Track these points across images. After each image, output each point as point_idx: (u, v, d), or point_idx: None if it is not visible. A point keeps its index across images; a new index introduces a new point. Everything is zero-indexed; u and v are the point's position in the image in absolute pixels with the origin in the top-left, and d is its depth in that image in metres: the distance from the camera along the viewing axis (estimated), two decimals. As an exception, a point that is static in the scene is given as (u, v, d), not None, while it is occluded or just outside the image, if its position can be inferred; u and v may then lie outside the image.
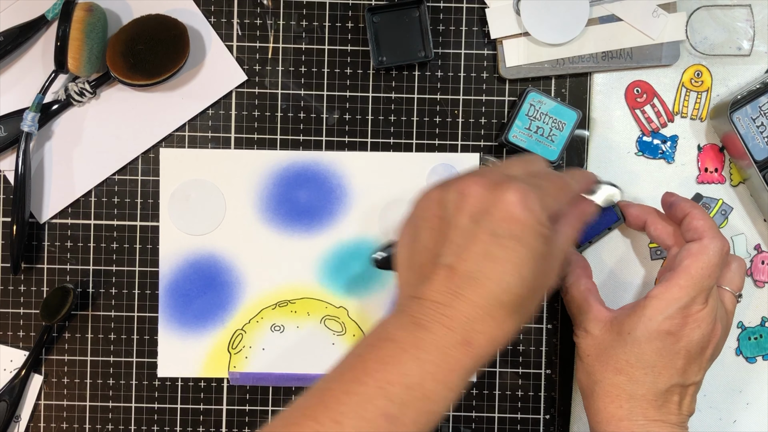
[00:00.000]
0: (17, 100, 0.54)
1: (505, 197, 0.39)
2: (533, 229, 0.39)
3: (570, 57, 0.54)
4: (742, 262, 0.51)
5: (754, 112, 0.53)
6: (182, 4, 0.54)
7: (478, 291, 0.39)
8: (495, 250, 0.39)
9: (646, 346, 0.46)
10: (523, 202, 0.39)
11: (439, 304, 0.39)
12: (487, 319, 0.39)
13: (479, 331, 0.39)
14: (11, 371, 0.55)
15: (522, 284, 0.39)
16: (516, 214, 0.39)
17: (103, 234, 0.55)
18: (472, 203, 0.40)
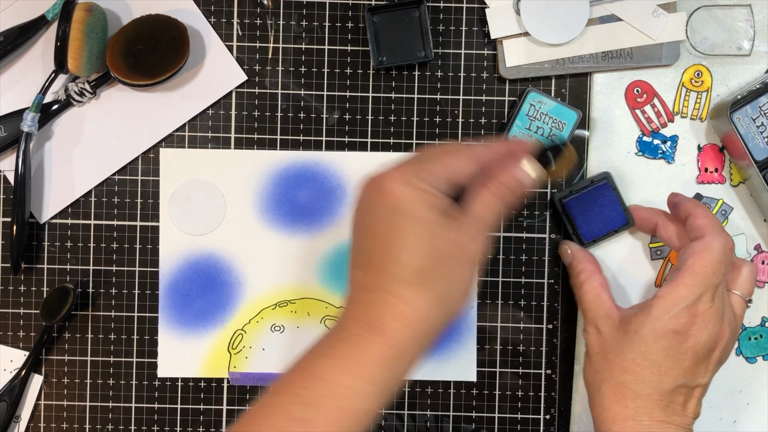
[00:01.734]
0: (17, 100, 0.54)
1: (385, 182, 0.40)
2: (416, 199, 0.40)
3: (570, 57, 0.54)
4: (753, 267, 0.50)
5: (754, 112, 0.53)
6: (182, 4, 0.54)
7: (382, 276, 0.40)
8: (387, 232, 0.40)
9: (653, 344, 0.46)
10: (400, 179, 0.40)
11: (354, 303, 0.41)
12: (392, 301, 0.39)
13: (391, 316, 0.39)
14: (11, 371, 0.55)
15: (418, 256, 0.39)
16: (396, 191, 0.40)
17: (103, 234, 0.55)
18: (364, 202, 0.42)
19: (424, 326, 0.40)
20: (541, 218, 0.56)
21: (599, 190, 0.54)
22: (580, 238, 0.54)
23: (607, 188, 0.54)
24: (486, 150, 0.44)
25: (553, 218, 0.56)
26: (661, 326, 0.46)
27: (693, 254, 0.47)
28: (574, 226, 0.54)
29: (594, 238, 0.54)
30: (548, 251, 0.56)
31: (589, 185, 0.54)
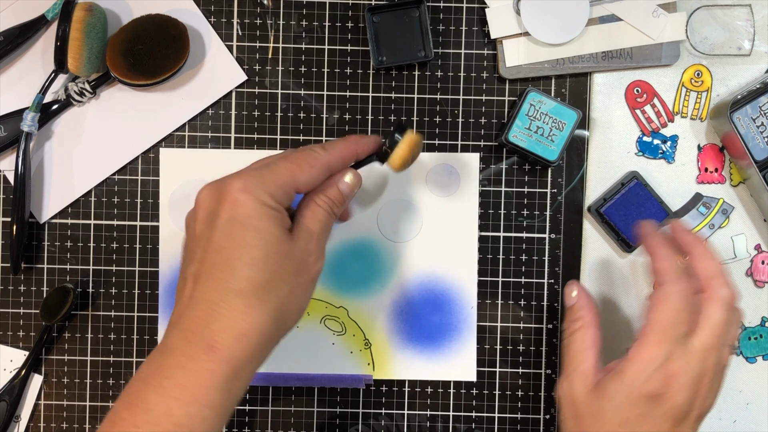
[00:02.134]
0: (17, 100, 0.54)
1: (228, 189, 0.39)
2: (258, 211, 0.39)
3: (570, 57, 0.54)
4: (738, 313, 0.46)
5: (754, 112, 0.53)
6: (182, 4, 0.54)
7: (212, 287, 0.38)
8: (223, 241, 0.38)
9: (629, 412, 0.43)
10: (244, 188, 0.39)
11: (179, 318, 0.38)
12: (225, 314, 0.37)
13: (221, 329, 0.37)
14: (11, 371, 0.55)
15: (254, 268, 0.38)
16: (237, 200, 0.39)
17: (103, 234, 0.55)
18: (202, 208, 0.40)
19: (259, 341, 0.38)
20: (541, 218, 0.56)
21: (633, 191, 0.54)
22: (626, 242, 0.54)
23: (639, 187, 0.54)
24: (330, 156, 0.43)
25: (553, 218, 0.56)
26: (635, 392, 0.43)
27: (653, 306, 0.44)
28: (618, 233, 0.54)
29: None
30: (548, 251, 0.56)
31: (620, 189, 0.54)
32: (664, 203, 0.54)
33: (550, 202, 0.56)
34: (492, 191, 0.55)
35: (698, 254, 0.46)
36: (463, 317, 0.55)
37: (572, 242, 0.56)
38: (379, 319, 0.55)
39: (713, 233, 0.56)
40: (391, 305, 0.55)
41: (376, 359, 0.55)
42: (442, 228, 0.55)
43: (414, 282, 0.55)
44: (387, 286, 0.55)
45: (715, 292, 0.44)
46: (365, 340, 0.55)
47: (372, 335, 0.55)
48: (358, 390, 0.56)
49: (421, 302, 0.55)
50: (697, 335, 0.44)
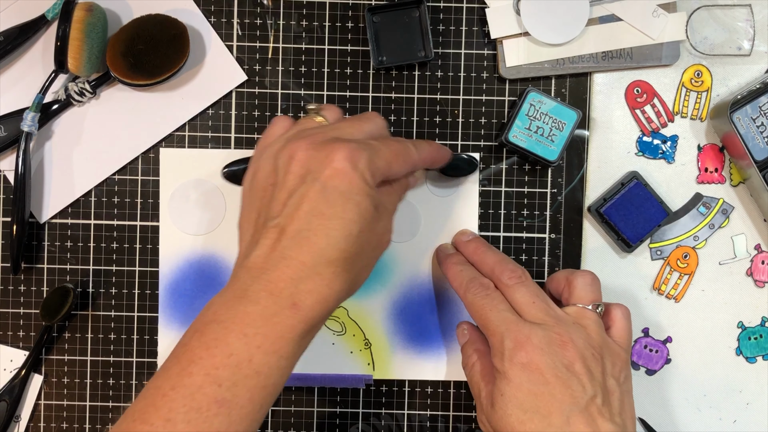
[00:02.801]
0: (17, 100, 0.54)
1: (333, 155, 0.40)
2: (360, 187, 0.40)
3: (570, 57, 0.54)
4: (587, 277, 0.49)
5: (754, 112, 0.53)
6: (182, 4, 0.54)
7: (305, 249, 0.39)
8: (323, 207, 0.39)
9: (518, 393, 0.44)
10: (350, 160, 0.40)
11: (265, 269, 0.39)
12: (314, 278, 0.39)
13: (306, 290, 0.39)
14: (11, 371, 0.55)
15: (349, 241, 0.39)
16: (343, 169, 0.40)
17: (103, 234, 0.55)
18: (300, 163, 0.41)
19: (333, 307, 0.40)
20: (541, 218, 0.56)
21: (633, 191, 0.54)
22: (626, 242, 0.54)
23: (639, 187, 0.54)
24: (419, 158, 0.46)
25: (553, 218, 0.56)
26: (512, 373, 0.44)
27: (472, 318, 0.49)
28: (618, 233, 0.54)
29: (640, 239, 0.54)
30: (548, 251, 0.56)
31: (620, 189, 0.54)
32: (664, 203, 0.54)
33: (550, 202, 0.56)
34: (492, 191, 0.55)
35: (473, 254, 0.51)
36: (464, 317, 0.55)
37: (572, 242, 0.56)
38: (379, 319, 0.55)
39: (713, 233, 0.56)
40: (391, 305, 0.55)
41: (376, 359, 0.55)
42: (442, 228, 0.55)
43: (414, 282, 0.55)
44: (387, 286, 0.55)
45: (502, 281, 0.48)
46: (365, 340, 0.55)
47: (372, 335, 0.55)
48: (358, 390, 0.56)
49: (421, 302, 0.55)
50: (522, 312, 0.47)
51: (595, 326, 0.47)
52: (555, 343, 0.45)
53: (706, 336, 0.56)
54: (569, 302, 0.49)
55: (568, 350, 0.45)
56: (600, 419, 0.44)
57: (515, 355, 0.44)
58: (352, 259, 0.40)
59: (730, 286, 0.56)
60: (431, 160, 0.48)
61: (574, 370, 0.44)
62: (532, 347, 0.44)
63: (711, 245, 0.56)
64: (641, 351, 0.56)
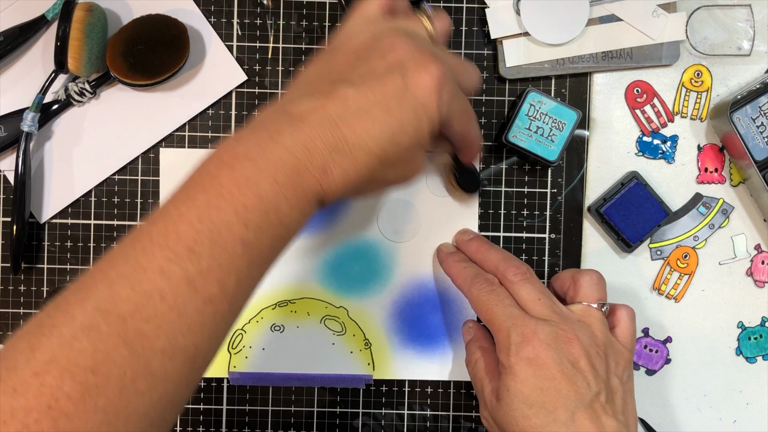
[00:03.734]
0: (17, 100, 0.54)
1: (429, 67, 0.39)
2: (432, 110, 0.39)
3: (570, 57, 0.54)
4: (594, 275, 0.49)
5: (754, 112, 0.53)
6: (182, 4, 0.54)
7: (355, 126, 0.38)
8: (393, 102, 0.39)
9: (524, 388, 0.44)
10: (439, 80, 0.39)
11: (309, 123, 0.38)
12: (348, 156, 0.38)
13: (338, 163, 0.38)
14: (11, 371, 0.55)
15: (394, 145, 0.39)
16: (429, 85, 0.39)
17: (103, 234, 0.55)
18: (397, 56, 0.40)
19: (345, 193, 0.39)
20: (541, 218, 0.56)
21: (632, 191, 0.54)
22: (626, 242, 0.54)
23: (639, 187, 0.54)
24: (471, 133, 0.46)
25: (553, 218, 0.56)
26: (518, 368, 0.44)
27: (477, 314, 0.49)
28: (618, 233, 0.54)
29: (640, 239, 0.54)
30: (548, 251, 0.56)
31: (620, 189, 0.54)
32: (664, 203, 0.54)
33: (550, 202, 0.56)
34: (492, 191, 0.55)
35: (476, 252, 0.51)
36: (463, 317, 0.55)
37: (572, 242, 0.56)
38: (379, 319, 0.55)
39: (713, 233, 0.56)
40: (391, 305, 0.55)
41: (376, 359, 0.55)
42: (442, 228, 0.55)
43: (414, 282, 0.55)
44: (387, 286, 0.55)
45: (507, 277, 0.48)
46: (365, 340, 0.55)
47: (372, 335, 0.55)
48: (358, 390, 0.56)
49: (421, 302, 0.55)
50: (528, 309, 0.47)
51: (599, 325, 0.47)
52: (561, 339, 0.45)
53: (706, 336, 0.56)
54: (575, 300, 0.49)
55: (573, 347, 0.45)
56: (604, 416, 0.44)
57: (522, 349, 0.44)
58: (385, 163, 0.39)
59: (730, 286, 0.56)
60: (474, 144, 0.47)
61: (580, 366, 0.44)
62: (538, 342, 0.44)
63: (711, 245, 0.56)
64: (641, 351, 0.56)
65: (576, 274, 0.50)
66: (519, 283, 0.48)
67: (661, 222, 0.54)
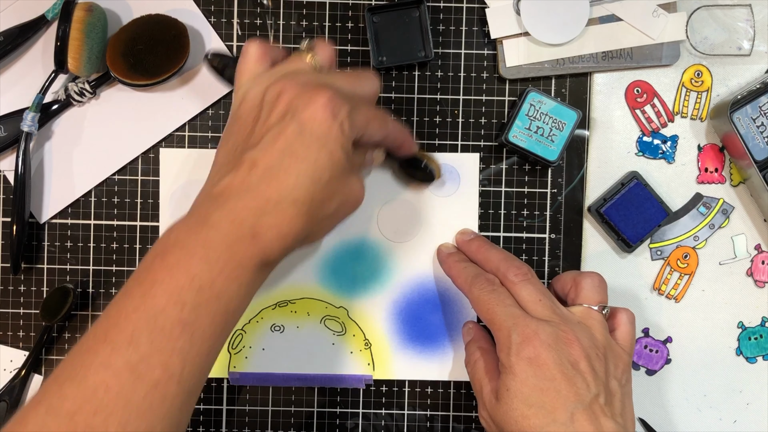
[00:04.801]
0: (17, 100, 0.54)
1: (316, 99, 0.40)
2: (336, 135, 0.40)
3: (570, 57, 0.54)
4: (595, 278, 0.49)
5: (754, 112, 0.53)
6: (182, 4, 0.54)
7: (272, 185, 0.39)
8: (297, 147, 0.40)
9: (523, 388, 0.44)
10: (331, 107, 0.40)
11: (230, 197, 0.39)
12: (276, 214, 0.39)
13: (267, 225, 0.39)
14: (11, 371, 0.55)
15: (316, 185, 0.40)
16: (322, 116, 0.40)
17: (103, 234, 0.55)
18: (284, 102, 0.41)
19: (290, 247, 0.41)
20: (541, 218, 0.56)
21: (633, 191, 0.54)
22: (626, 242, 0.54)
23: (639, 187, 0.54)
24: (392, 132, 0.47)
25: (553, 218, 0.56)
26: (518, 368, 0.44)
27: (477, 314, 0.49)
28: (618, 233, 0.54)
29: (641, 239, 0.54)
30: (548, 251, 0.56)
31: (620, 189, 0.54)
32: (664, 203, 0.54)
33: (550, 202, 0.56)
34: (492, 191, 0.55)
35: (477, 252, 0.51)
36: (463, 317, 0.55)
37: (572, 242, 0.56)
38: (379, 319, 0.55)
39: (713, 233, 0.56)
40: (391, 305, 0.55)
41: (376, 359, 0.55)
42: (442, 228, 0.55)
43: (414, 282, 0.55)
44: (387, 286, 0.55)
45: (508, 278, 0.49)
46: (365, 341, 0.55)
47: (372, 335, 0.55)
48: (358, 390, 0.56)
49: (421, 302, 0.55)
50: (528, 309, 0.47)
51: (600, 327, 0.47)
52: (562, 340, 0.45)
53: (706, 336, 0.56)
54: (575, 302, 0.49)
55: (574, 348, 0.45)
56: (603, 418, 0.44)
57: (522, 349, 0.45)
58: (317, 204, 0.40)
59: (730, 286, 0.56)
60: (401, 141, 0.49)
61: (579, 368, 0.44)
62: (539, 342, 0.44)
63: (711, 245, 0.56)
64: (641, 351, 0.56)
65: (577, 276, 0.50)
66: (520, 283, 0.48)
67: (661, 222, 0.54)
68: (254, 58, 0.45)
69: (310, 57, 0.45)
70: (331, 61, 0.46)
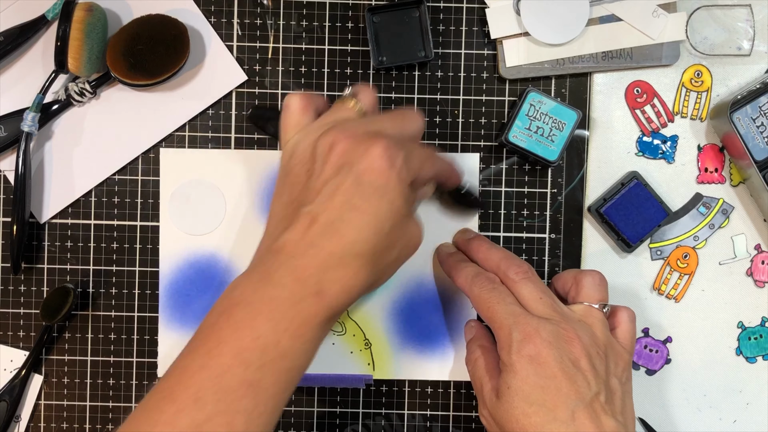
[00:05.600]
0: (17, 100, 0.54)
1: (372, 150, 0.40)
2: (395, 184, 0.40)
3: (570, 57, 0.54)
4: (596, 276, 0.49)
5: (754, 112, 0.53)
6: (182, 4, 0.54)
7: (334, 240, 0.39)
8: (356, 200, 0.40)
9: (524, 386, 0.44)
10: (388, 157, 0.40)
11: (293, 255, 0.39)
12: (340, 268, 0.39)
13: (332, 280, 0.39)
14: (11, 371, 0.55)
15: (379, 236, 0.40)
16: (380, 166, 0.40)
17: (103, 234, 0.55)
18: (338, 154, 0.41)
19: (357, 296, 0.41)
20: (541, 218, 0.56)
21: (633, 191, 0.54)
22: (626, 242, 0.54)
23: (639, 187, 0.54)
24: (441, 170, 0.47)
25: (553, 218, 0.56)
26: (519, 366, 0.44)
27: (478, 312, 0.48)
28: (618, 233, 0.54)
29: (640, 239, 0.54)
30: (548, 251, 0.56)
31: (620, 189, 0.54)
32: (664, 203, 0.54)
33: (550, 202, 0.56)
34: (492, 191, 0.55)
35: (477, 251, 0.51)
36: (463, 317, 0.55)
37: (572, 242, 0.56)
38: (379, 319, 0.55)
39: (713, 233, 0.56)
40: (391, 305, 0.55)
41: (376, 359, 0.55)
42: (442, 228, 0.55)
43: (414, 282, 0.55)
44: (387, 286, 0.55)
45: (509, 276, 0.48)
46: (365, 340, 0.55)
47: (372, 335, 0.55)
48: (358, 390, 0.56)
49: (421, 302, 0.55)
50: (529, 307, 0.47)
51: (600, 325, 0.47)
52: (562, 338, 0.45)
53: (706, 336, 0.56)
54: (576, 300, 0.49)
55: (574, 346, 0.45)
56: (603, 416, 0.44)
57: (523, 347, 0.44)
58: (380, 254, 0.41)
59: (730, 286, 0.56)
60: (449, 174, 0.49)
61: (580, 366, 0.44)
62: (540, 340, 0.44)
63: (711, 245, 0.56)
64: (641, 351, 0.56)
65: (578, 275, 0.50)
66: (521, 281, 0.48)
67: (661, 222, 0.54)
68: (298, 110, 0.45)
69: (353, 103, 0.45)
70: (375, 105, 0.47)
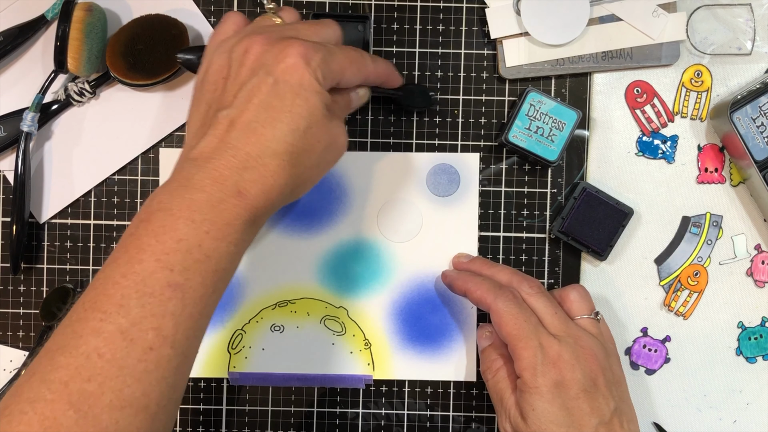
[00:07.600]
0: (17, 100, 0.54)
1: (288, 50, 0.40)
2: (311, 84, 0.40)
3: (570, 57, 0.54)
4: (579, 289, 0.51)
5: (754, 112, 0.53)
6: (182, 4, 0.54)
7: (252, 140, 0.39)
8: (273, 100, 0.40)
9: (551, 408, 0.45)
10: (304, 57, 0.40)
11: (211, 158, 0.39)
12: (258, 168, 0.39)
13: (251, 180, 0.39)
14: (11, 371, 0.55)
15: (296, 135, 0.40)
16: (295, 64, 0.40)
17: (103, 234, 0.55)
18: (254, 57, 0.41)
19: (277, 200, 0.41)
20: (541, 218, 0.56)
21: (585, 202, 0.54)
22: (598, 253, 0.54)
23: (590, 196, 0.53)
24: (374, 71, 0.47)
25: (553, 218, 0.56)
26: (545, 389, 0.45)
27: (498, 327, 0.48)
28: (586, 246, 0.54)
29: (610, 245, 0.54)
30: (548, 251, 0.56)
31: (574, 203, 0.54)
32: (621, 203, 0.53)
33: (550, 202, 0.56)
34: (492, 191, 0.55)
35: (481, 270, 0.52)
36: (463, 317, 0.55)
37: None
38: (379, 319, 0.55)
39: (713, 247, 0.56)
40: (391, 305, 0.55)
41: (376, 359, 0.55)
42: (442, 228, 0.55)
43: (414, 282, 0.55)
44: (387, 286, 0.55)
45: (523, 291, 0.49)
46: (365, 341, 0.55)
47: (372, 335, 0.55)
48: (358, 390, 0.56)
49: (421, 302, 0.55)
50: (545, 322, 0.48)
51: (600, 333, 0.49)
52: (581, 358, 0.46)
53: (706, 336, 0.56)
54: (570, 316, 0.50)
55: (593, 365, 0.46)
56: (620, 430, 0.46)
57: (548, 371, 0.45)
58: (298, 154, 0.41)
59: (730, 286, 0.56)
60: (385, 76, 0.49)
61: (598, 384, 0.46)
62: (563, 364, 0.45)
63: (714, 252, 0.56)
64: (640, 351, 0.56)
65: (562, 293, 0.51)
66: (535, 296, 0.49)
67: (625, 221, 0.54)
68: (231, 26, 0.46)
69: (275, 16, 0.46)
70: (296, 20, 0.47)
